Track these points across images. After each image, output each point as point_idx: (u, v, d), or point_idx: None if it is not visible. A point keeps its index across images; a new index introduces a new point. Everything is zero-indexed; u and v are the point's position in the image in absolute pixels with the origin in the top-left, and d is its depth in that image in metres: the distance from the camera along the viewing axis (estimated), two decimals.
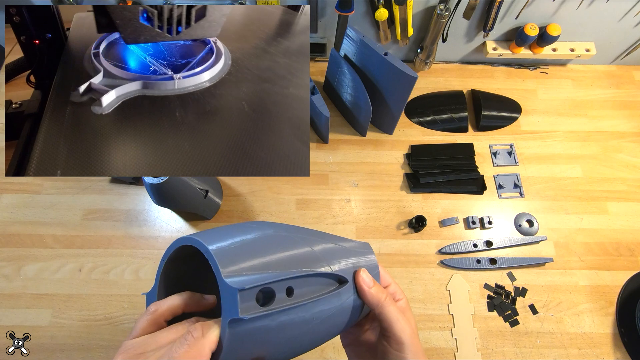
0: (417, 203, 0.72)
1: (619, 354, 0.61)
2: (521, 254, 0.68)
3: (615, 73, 0.85)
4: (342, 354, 0.60)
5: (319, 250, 0.30)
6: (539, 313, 0.64)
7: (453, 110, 0.79)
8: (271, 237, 0.29)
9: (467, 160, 0.75)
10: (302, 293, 0.27)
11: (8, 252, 0.67)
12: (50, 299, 0.64)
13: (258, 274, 0.25)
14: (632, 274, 0.66)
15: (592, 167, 0.75)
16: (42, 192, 0.71)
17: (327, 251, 0.31)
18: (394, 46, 0.81)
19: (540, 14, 0.74)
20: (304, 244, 0.30)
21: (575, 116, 0.80)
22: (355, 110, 0.74)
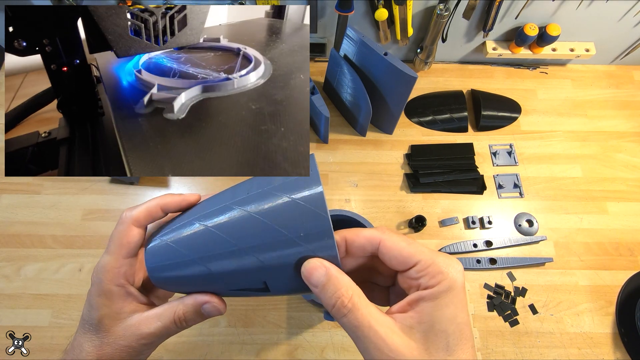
0: (417, 203, 0.72)
1: (619, 353, 0.61)
2: (521, 254, 0.68)
3: (614, 73, 0.85)
4: (342, 354, 0.61)
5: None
6: (539, 313, 0.64)
7: (453, 110, 0.79)
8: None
9: (467, 160, 0.75)
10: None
11: (8, 252, 0.67)
12: (50, 299, 0.64)
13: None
14: (632, 273, 0.66)
15: (591, 167, 0.75)
16: (42, 192, 0.71)
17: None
18: (393, 46, 0.81)
19: (540, 14, 0.74)
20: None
21: (575, 116, 0.81)
22: (355, 110, 0.74)
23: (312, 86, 0.69)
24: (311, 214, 0.24)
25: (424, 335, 0.23)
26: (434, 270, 0.24)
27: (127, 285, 0.29)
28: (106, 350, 0.28)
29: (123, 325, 0.28)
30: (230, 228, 0.26)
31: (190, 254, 0.27)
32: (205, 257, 0.26)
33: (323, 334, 0.62)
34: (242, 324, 0.63)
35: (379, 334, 0.23)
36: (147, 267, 0.28)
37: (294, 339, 0.62)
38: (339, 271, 0.24)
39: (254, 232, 0.25)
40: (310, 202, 0.24)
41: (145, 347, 0.28)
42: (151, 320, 0.28)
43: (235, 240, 0.26)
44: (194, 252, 0.27)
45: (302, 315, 0.63)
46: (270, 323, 0.63)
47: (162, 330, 0.28)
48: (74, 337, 0.29)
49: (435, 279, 0.23)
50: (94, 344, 0.28)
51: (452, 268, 0.24)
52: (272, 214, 0.25)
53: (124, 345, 0.28)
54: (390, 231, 0.26)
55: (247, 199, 0.26)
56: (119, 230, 0.29)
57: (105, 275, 0.28)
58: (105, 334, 0.28)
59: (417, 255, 0.24)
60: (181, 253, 0.27)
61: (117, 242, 0.29)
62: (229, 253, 0.26)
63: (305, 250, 0.24)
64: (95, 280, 0.29)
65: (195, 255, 0.27)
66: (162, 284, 0.29)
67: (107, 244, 0.29)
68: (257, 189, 0.26)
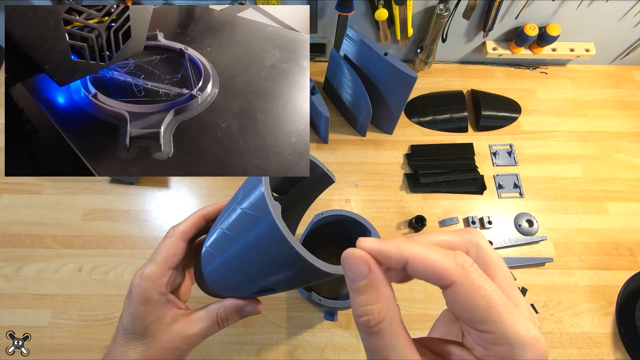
0: (417, 203, 0.72)
1: (619, 353, 0.61)
2: (521, 254, 0.68)
3: (614, 73, 0.85)
4: (342, 354, 0.61)
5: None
6: (539, 313, 0.64)
7: (453, 110, 0.79)
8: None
9: (467, 160, 0.75)
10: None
11: (8, 252, 0.67)
12: (50, 299, 0.64)
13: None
14: (632, 273, 0.66)
15: (591, 167, 0.75)
16: (42, 192, 0.71)
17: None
18: (393, 46, 0.81)
19: (540, 14, 0.74)
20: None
21: (575, 116, 0.81)
22: (355, 110, 0.74)
23: (312, 86, 0.69)
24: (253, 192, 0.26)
25: None
26: (503, 352, 0.17)
27: (167, 293, 0.31)
28: (152, 353, 0.30)
29: (168, 329, 0.30)
30: (236, 227, 0.28)
31: (218, 256, 0.30)
32: (225, 258, 0.30)
33: (323, 334, 0.62)
34: (242, 324, 0.63)
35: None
36: (203, 274, 0.32)
37: (294, 339, 0.62)
38: (383, 279, 0.19)
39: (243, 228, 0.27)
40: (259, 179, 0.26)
41: (189, 347, 0.31)
42: (195, 323, 0.31)
43: (237, 236, 0.28)
44: (219, 253, 0.30)
45: (302, 315, 0.63)
46: (270, 323, 0.63)
47: (205, 331, 0.31)
48: (112, 348, 0.31)
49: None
50: (139, 350, 0.30)
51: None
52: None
53: (169, 348, 0.30)
54: (472, 271, 0.18)
55: (242, 198, 0.28)
56: (167, 243, 0.32)
57: (150, 284, 0.30)
58: (151, 339, 0.30)
59: (494, 324, 0.17)
60: (216, 256, 0.30)
61: (164, 254, 0.31)
62: (240, 253, 0.28)
63: (250, 215, 0.26)
64: (138, 289, 0.30)
65: (220, 256, 0.30)
66: (208, 288, 0.32)
67: (152, 255, 0.32)
68: (247, 186, 0.28)
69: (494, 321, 0.17)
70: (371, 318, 0.19)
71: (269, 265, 0.26)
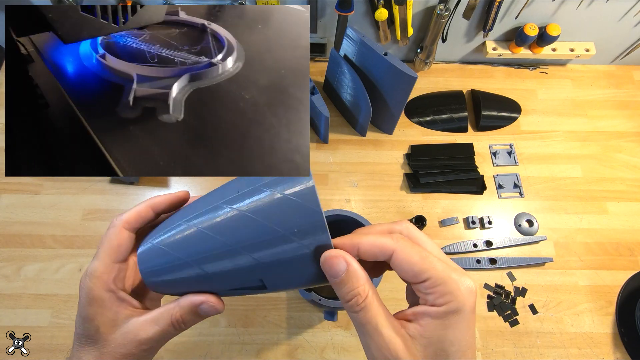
0: (417, 203, 0.72)
1: (619, 353, 0.61)
2: (521, 254, 0.68)
3: (614, 73, 0.85)
4: (342, 354, 0.61)
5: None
6: (539, 313, 0.64)
7: (453, 110, 0.79)
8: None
9: (467, 160, 0.75)
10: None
11: (8, 252, 0.67)
12: (50, 299, 0.64)
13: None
14: (632, 273, 0.66)
15: (591, 167, 0.75)
16: (42, 192, 0.71)
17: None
18: (393, 46, 0.81)
19: (539, 14, 0.74)
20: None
21: (575, 116, 0.81)
22: (355, 110, 0.74)
23: (312, 86, 0.69)
24: (303, 209, 0.24)
25: (424, 348, 0.23)
26: (443, 289, 0.23)
27: (117, 291, 0.28)
28: (106, 359, 0.27)
29: (120, 332, 0.27)
30: (223, 228, 0.26)
31: (184, 256, 0.26)
32: (199, 259, 0.26)
33: (323, 334, 0.62)
34: (242, 324, 0.63)
35: (383, 336, 0.23)
36: (140, 271, 0.28)
37: (294, 339, 0.62)
38: (359, 265, 0.24)
39: (247, 231, 0.25)
40: (301, 197, 0.24)
41: (145, 353, 0.28)
42: (149, 325, 0.27)
43: (228, 240, 0.25)
44: (187, 254, 0.26)
45: (302, 315, 0.63)
46: (270, 323, 0.63)
47: (160, 334, 0.27)
48: (71, 354, 0.28)
49: (443, 299, 0.23)
50: (93, 355, 0.27)
51: (464, 289, 0.23)
52: (264, 212, 0.25)
53: (123, 354, 0.27)
54: (405, 240, 0.24)
55: (238, 197, 0.26)
56: (108, 234, 0.28)
57: (94, 281, 0.27)
58: (104, 344, 0.27)
59: (429, 271, 0.23)
60: (174, 256, 0.27)
61: (106, 247, 0.28)
62: (223, 253, 0.26)
63: (300, 246, 0.24)
64: (83, 288, 0.28)
65: (188, 258, 0.26)
66: (157, 287, 0.28)
67: (96, 250, 0.28)
68: (247, 187, 0.26)
69: (428, 269, 0.23)
70: (358, 297, 0.24)
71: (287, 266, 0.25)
